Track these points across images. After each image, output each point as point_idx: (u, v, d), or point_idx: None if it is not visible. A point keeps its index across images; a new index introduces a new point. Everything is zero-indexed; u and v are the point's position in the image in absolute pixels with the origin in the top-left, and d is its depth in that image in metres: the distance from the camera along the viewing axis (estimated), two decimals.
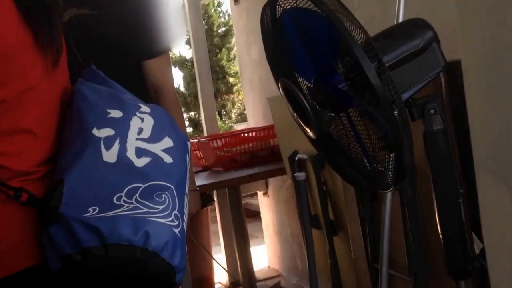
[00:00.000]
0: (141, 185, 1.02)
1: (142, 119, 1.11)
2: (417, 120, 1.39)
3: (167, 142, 1.11)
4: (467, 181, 1.77)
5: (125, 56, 1.85)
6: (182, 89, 10.77)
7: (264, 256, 4.20)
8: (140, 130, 1.09)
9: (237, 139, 3.19)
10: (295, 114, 1.31)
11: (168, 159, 1.09)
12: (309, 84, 1.25)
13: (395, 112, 1.18)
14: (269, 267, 4.12)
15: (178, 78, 10.89)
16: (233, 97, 11.01)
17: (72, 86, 1.16)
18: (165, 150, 1.09)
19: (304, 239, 2.45)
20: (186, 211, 1.09)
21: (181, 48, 11.03)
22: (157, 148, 1.09)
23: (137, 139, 1.07)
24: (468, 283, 1.41)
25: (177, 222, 1.03)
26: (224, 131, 8.07)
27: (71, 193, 1.00)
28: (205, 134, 3.93)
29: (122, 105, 1.11)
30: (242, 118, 10.90)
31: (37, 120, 1.06)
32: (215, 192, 3.65)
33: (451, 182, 1.37)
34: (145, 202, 1.01)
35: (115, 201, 1.00)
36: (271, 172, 3.04)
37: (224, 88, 10.77)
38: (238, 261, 3.48)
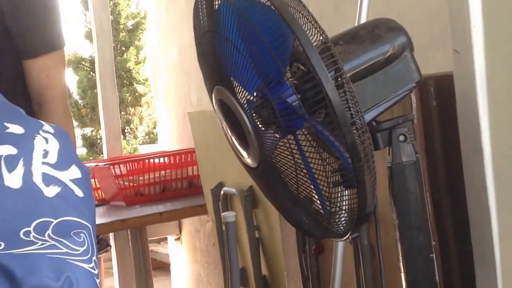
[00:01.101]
0: (52, 220, 0.99)
1: (46, 140, 1.08)
2: (382, 149, 1.40)
3: (75, 172, 1.09)
4: (439, 230, 1.80)
5: (4, 56, 1.83)
6: (75, 96, 10.63)
7: None
8: (46, 153, 1.06)
9: (145, 166, 3.16)
10: (229, 133, 1.30)
11: (79, 192, 1.07)
12: (250, 97, 1.24)
13: (356, 137, 1.18)
14: None
15: (71, 82, 10.74)
16: (141, 111, 10.95)
17: None
18: (74, 181, 1.07)
19: None
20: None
21: (75, 44, 10.88)
22: (65, 177, 1.06)
23: (43, 163, 1.04)
24: None
25: (97, 272, 1.01)
26: (128, 153, 7.99)
27: None
28: (105, 157, 3.87)
29: (22, 120, 1.09)
30: (150, 138, 10.84)
31: None
32: (111, 235, 3.58)
33: (423, 231, 1.38)
34: (62, 241, 0.98)
35: (23, 236, 0.96)
36: (187, 211, 3.03)
37: (130, 98, 10.69)
38: None
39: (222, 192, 2.55)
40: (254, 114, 1.23)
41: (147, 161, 3.21)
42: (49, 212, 1.00)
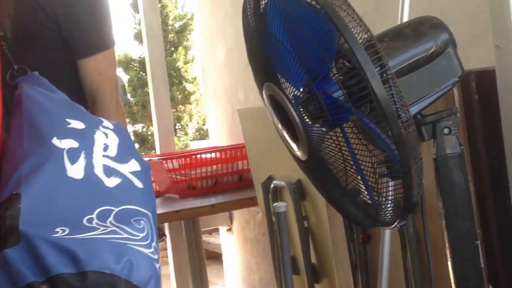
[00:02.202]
0: (114, 208, 1.00)
1: (106, 135, 1.10)
2: (427, 140, 1.40)
3: (134, 165, 1.10)
4: (482, 219, 1.79)
5: (54, 56, 1.86)
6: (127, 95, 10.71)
7: None
8: (106, 147, 1.08)
9: (197, 160, 3.18)
10: (280, 128, 1.31)
11: (138, 183, 1.08)
12: (297, 93, 1.25)
13: (402, 130, 1.18)
14: None
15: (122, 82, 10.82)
16: (191, 109, 11.00)
17: (16, 91, 1.15)
18: (134, 174, 1.08)
19: (279, 286, 2.44)
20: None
21: (126, 45, 10.96)
22: (125, 169, 1.08)
23: (103, 156, 1.06)
24: None
25: (156, 257, 1.01)
26: (179, 149, 8.04)
27: (31, 211, 0.95)
28: (158, 152, 3.91)
29: (83, 116, 1.11)
30: (200, 134, 10.89)
31: None
32: (167, 225, 3.62)
33: (468, 219, 1.38)
34: (123, 227, 0.98)
35: (86, 223, 0.97)
36: (238, 203, 3.04)
37: (180, 96, 10.75)
38: None
39: (272, 185, 2.56)
40: (301, 109, 1.24)
41: (198, 156, 3.22)
42: (110, 201, 1.01)
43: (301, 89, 1.26)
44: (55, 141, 1.04)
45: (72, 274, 0.91)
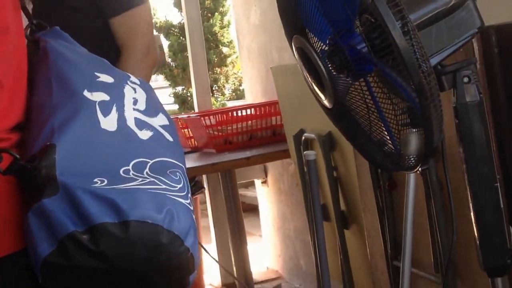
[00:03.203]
0: (149, 160, 0.97)
1: (134, 89, 1.07)
2: (447, 90, 1.39)
3: (163, 119, 1.07)
4: (502, 166, 1.78)
5: (80, 16, 1.86)
6: (167, 59, 10.74)
7: (262, 255, 4.23)
8: (135, 101, 1.05)
9: (233, 117, 3.20)
10: (309, 79, 1.31)
11: (168, 137, 1.05)
12: (323, 46, 1.26)
13: (422, 79, 1.18)
14: (267, 268, 4.14)
15: (163, 47, 10.84)
16: (227, 71, 11.00)
17: (40, 43, 1.10)
18: (163, 127, 1.06)
19: (312, 233, 2.46)
20: None
21: (166, 12, 10.95)
22: (155, 123, 1.05)
23: (134, 109, 1.03)
24: (505, 281, 1.42)
25: (192, 208, 0.97)
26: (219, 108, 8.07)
27: (67, 161, 0.91)
28: (196, 110, 3.94)
29: (110, 70, 1.07)
30: (237, 95, 10.89)
31: (3, 71, 0.99)
32: (205, 178, 3.66)
33: (487, 163, 1.38)
34: (161, 178, 0.95)
35: (123, 174, 0.93)
36: (272, 155, 3.05)
37: (216, 59, 10.75)
38: (233, 261, 3.50)
39: (303, 138, 2.57)
40: (327, 61, 1.25)
41: (234, 113, 3.24)
42: (144, 153, 0.98)
43: (327, 42, 1.27)
44: (86, 93, 1.00)
45: (114, 224, 0.87)
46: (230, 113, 3.22)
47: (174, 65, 10.57)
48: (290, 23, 1.36)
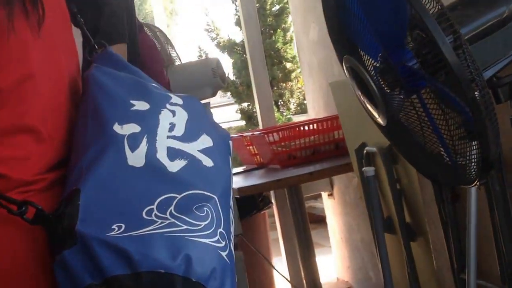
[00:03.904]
0: (176, 195, 0.93)
1: (173, 113, 1.02)
2: (504, 102, 1.36)
3: (206, 141, 1.02)
4: None
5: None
6: (232, 77, 10.83)
7: (331, 266, 4.20)
8: (172, 126, 1.00)
9: (296, 133, 3.19)
10: (361, 97, 1.30)
11: (208, 162, 1.00)
12: (375, 63, 1.24)
13: (476, 93, 1.16)
14: (337, 279, 4.11)
15: (227, 64, 10.93)
16: (291, 85, 11.00)
17: (84, 73, 1.08)
18: (204, 151, 1.01)
19: (376, 245, 2.43)
20: (232, 229, 1.00)
21: (229, 30, 11.04)
22: (193, 148, 1.00)
23: (168, 137, 0.99)
24: None
25: (223, 243, 0.93)
26: (282, 123, 8.08)
27: (89, 207, 0.90)
28: (260, 127, 3.95)
29: (148, 95, 1.03)
30: (302, 109, 10.87)
31: (40, 116, 0.97)
32: (272, 193, 3.66)
33: None
34: (183, 217, 0.91)
35: (145, 216, 0.91)
36: (335, 169, 3.02)
37: (280, 75, 10.76)
38: (302, 273, 3.48)
39: (364, 151, 2.54)
40: (379, 78, 1.23)
41: (297, 128, 3.23)
42: (172, 188, 0.94)
43: (378, 59, 1.25)
44: (116, 127, 0.97)
45: (127, 276, 0.86)
46: (293, 129, 3.21)
47: (238, 82, 10.65)
48: (340, 43, 1.35)
